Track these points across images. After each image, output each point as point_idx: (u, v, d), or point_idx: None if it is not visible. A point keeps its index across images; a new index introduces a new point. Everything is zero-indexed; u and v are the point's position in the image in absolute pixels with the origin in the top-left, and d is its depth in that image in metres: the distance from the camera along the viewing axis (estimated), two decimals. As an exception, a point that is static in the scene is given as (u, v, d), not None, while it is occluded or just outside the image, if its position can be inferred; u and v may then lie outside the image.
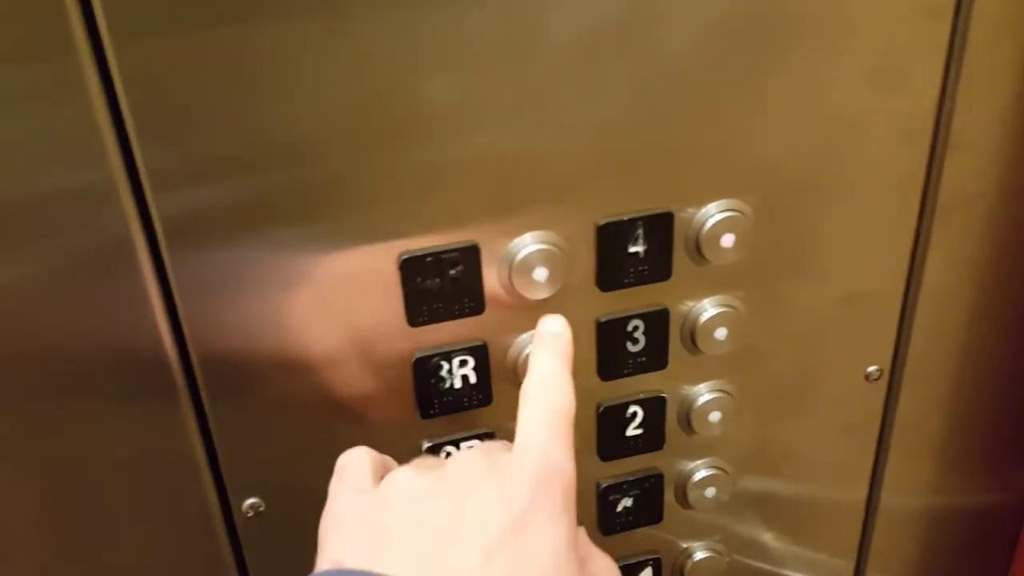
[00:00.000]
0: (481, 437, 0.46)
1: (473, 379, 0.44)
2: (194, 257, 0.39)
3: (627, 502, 0.50)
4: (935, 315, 0.50)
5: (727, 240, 0.44)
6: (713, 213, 0.43)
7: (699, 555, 0.54)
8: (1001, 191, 0.47)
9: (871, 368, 0.50)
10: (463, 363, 0.43)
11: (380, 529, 0.34)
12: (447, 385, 0.44)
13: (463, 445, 0.45)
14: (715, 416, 0.49)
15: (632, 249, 0.43)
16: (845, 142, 0.43)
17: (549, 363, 0.38)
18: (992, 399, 0.55)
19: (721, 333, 0.46)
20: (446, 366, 0.43)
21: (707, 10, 0.38)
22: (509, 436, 0.36)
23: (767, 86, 0.41)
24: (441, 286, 0.41)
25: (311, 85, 0.36)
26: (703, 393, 0.48)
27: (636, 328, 0.45)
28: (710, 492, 0.51)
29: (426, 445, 0.46)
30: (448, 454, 0.44)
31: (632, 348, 0.46)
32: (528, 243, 0.41)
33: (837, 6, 0.40)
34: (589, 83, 0.39)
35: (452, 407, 0.44)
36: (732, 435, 0.50)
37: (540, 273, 0.42)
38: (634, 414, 0.48)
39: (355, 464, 0.38)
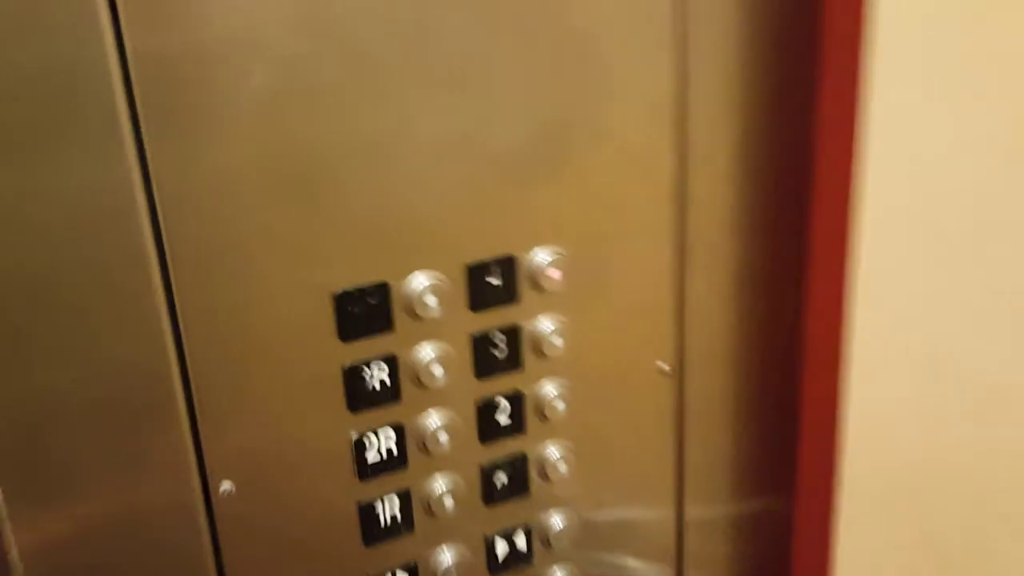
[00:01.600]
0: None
1: (388, 381, 0.61)
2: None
3: (503, 478, 0.68)
4: (704, 321, 0.72)
5: (554, 273, 0.64)
6: (542, 255, 0.64)
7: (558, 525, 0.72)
8: (734, 233, 0.71)
9: (662, 365, 0.72)
10: (380, 368, 0.61)
11: None
12: (369, 387, 0.61)
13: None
14: (559, 405, 0.68)
15: (492, 281, 0.63)
16: (615, 208, 0.66)
17: None
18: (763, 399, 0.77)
19: (558, 341, 0.66)
20: (368, 371, 0.61)
21: (526, 123, 0.61)
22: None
23: (571, 174, 0.63)
24: (365, 312, 0.59)
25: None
26: (549, 388, 0.68)
27: (499, 339, 0.65)
28: (561, 467, 0.70)
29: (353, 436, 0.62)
30: None
31: (497, 354, 0.65)
32: (422, 280, 0.61)
33: (599, 118, 0.63)
34: (447, 186, 0.59)
35: (372, 402, 0.61)
36: (573, 419, 0.69)
37: (431, 300, 0.61)
38: (502, 405, 0.66)
39: None
